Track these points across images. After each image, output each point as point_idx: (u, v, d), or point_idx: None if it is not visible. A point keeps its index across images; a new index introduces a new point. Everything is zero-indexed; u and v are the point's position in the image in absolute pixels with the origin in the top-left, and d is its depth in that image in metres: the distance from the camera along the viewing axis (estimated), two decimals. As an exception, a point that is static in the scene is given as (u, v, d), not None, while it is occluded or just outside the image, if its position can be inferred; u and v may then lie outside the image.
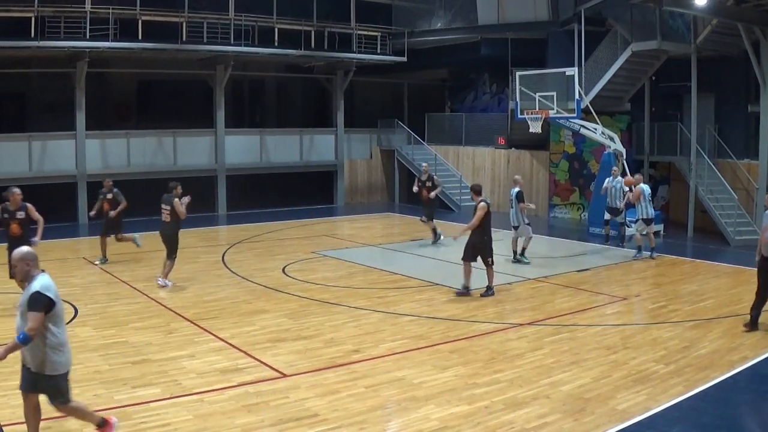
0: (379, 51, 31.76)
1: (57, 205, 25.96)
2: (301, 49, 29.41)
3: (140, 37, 25.79)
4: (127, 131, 28.01)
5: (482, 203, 14.52)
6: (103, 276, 17.11)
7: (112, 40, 25.37)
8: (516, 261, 18.43)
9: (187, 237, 22.84)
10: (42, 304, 6.87)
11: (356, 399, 9.05)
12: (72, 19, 24.79)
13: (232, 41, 27.61)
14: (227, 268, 17.92)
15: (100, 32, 25.09)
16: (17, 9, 24.25)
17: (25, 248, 7.21)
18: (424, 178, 21.58)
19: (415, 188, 21.76)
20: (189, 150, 28.92)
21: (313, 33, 29.80)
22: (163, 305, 14.01)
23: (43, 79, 28.19)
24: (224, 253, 19.98)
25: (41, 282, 7.00)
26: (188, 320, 12.88)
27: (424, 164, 23.13)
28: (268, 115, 35.70)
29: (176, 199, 15.56)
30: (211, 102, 29.56)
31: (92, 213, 19.10)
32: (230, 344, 11.36)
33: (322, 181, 32.92)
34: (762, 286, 12.09)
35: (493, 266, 14.79)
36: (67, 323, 12.38)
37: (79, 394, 9.02)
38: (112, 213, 18.34)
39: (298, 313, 13.41)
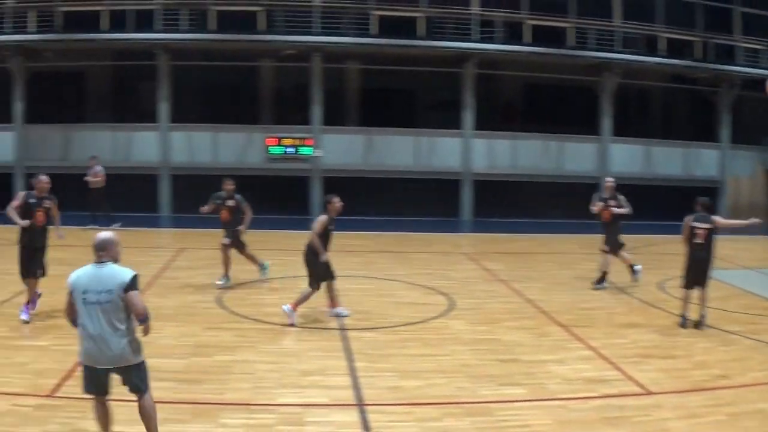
0: (768, 65, 29.74)
1: (442, 200, 27.55)
2: (687, 60, 28.49)
3: (527, 41, 26.49)
4: (513, 133, 28.83)
5: None
6: (482, 273, 17.84)
7: (499, 43, 26.29)
8: None
9: (567, 243, 23.22)
10: None
11: (716, 426, 8.62)
12: (460, 21, 26.06)
13: (617, 48, 27.44)
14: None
15: (489, 34, 26.12)
16: (404, 9, 26.05)
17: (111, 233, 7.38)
18: (606, 195, 16.81)
19: (594, 208, 16.88)
20: (573, 156, 29.14)
21: (698, 43, 28.75)
22: (538, 308, 14.27)
23: (432, 78, 29.60)
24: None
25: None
26: (561, 325, 13.01)
27: (608, 179, 17.56)
28: (652, 126, 34.92)
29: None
30: (594, 109, 29.45)
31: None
32: (600, 354, 11.30)
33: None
34: None
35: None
36: (440, 316, 13.32)
37: (445, 385, 9.63)
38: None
39: (669, 330, 12.99)
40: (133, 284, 7.02)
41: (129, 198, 26.14)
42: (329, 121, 28.39)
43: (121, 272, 7.05)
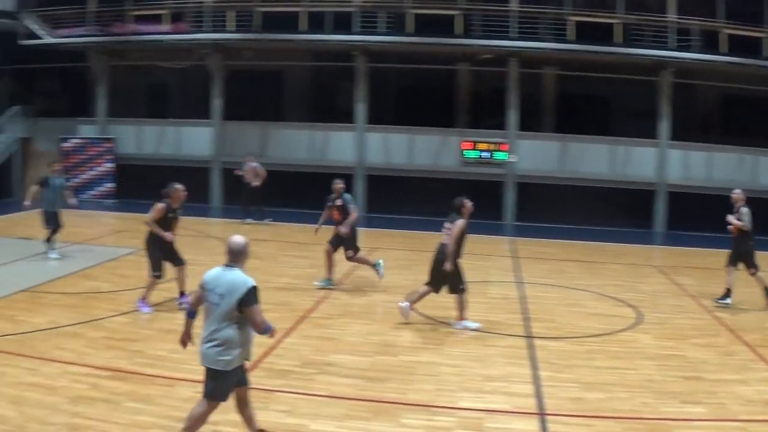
0: None
1: (634, 211, 27.26)
2: None
3: (723, 50, 25.87)
4: (709, 145, 28.16)
5: None
6: (671, 287, 17.75)
7: (696, 52, 25.79)
8: None
9: (760, 260, 22.23)
10: None
11: None
12: (657, 28, 25.77)
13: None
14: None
15: (685, 43, 25.66)
16: (602, 15, 25.95)
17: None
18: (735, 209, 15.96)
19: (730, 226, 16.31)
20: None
21: None
22: (725, 325, 14.09)
23: (628, 86, 29.24)
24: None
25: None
26: (747, 345, 12.78)
27: (735, 191, 16.66)
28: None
29: None
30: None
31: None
32: (784, 376, 11.06)
33: None
34: None
35: None
36: (627, 329, 13.42)
37: (627, 399, 9.78)
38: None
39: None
40: (249, 298, 7.07)
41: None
42: (524, 127, 28.70)
43: (241, 283, 7.12)
